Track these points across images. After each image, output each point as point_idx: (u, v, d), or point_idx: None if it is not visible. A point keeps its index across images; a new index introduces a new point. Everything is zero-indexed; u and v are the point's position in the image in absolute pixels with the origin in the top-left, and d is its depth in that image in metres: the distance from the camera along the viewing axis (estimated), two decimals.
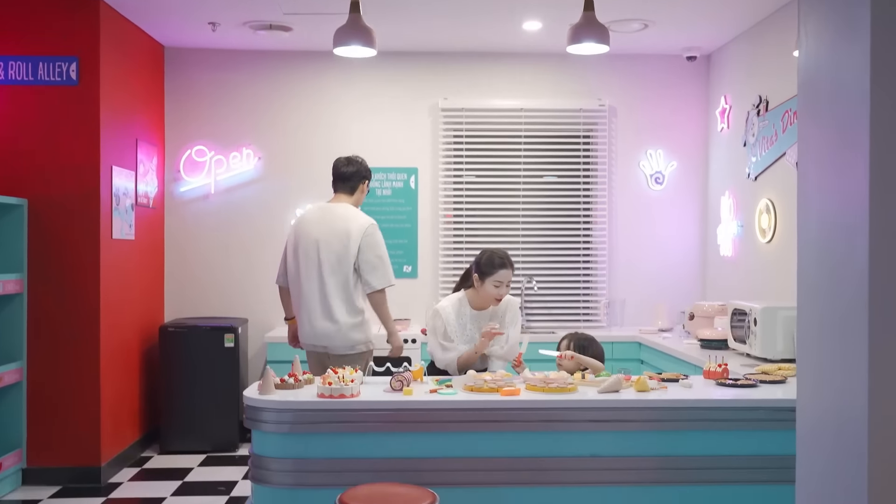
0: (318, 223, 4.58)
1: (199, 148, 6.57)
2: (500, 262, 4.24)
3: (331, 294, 4.49)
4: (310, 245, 4.53)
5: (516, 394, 3.53)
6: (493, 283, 4.23)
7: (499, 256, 4.25)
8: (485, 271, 4.25)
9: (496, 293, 4.25)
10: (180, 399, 5.98)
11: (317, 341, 4.54)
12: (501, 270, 4.23)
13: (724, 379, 3.88)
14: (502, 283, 4.24)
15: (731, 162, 6.28)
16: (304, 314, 4.56)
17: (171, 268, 6.62)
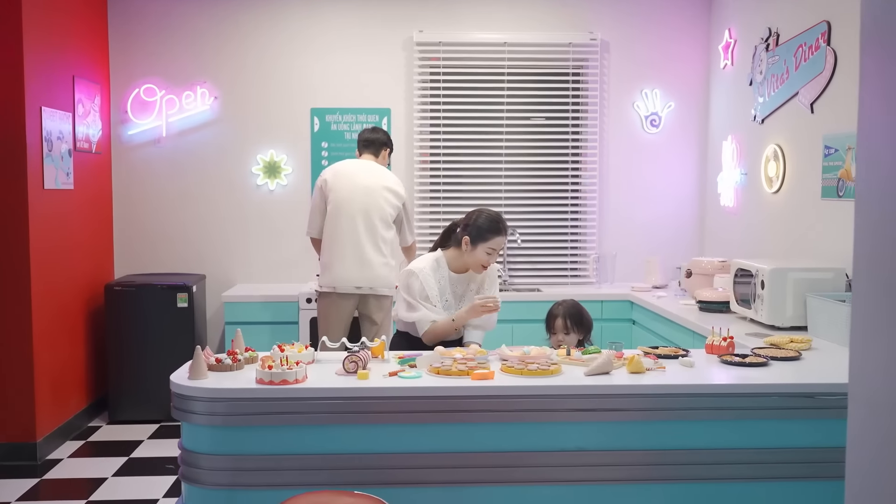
0: (365, 174, 4.83)
1: (149, 86, 5.94)
2: (499, 228, 3.73)
3: (381, 238, 4.77)
4: (357, 191, 4.76)
5: (489, 377, 3.02)
6: (487, 249, 3.72)
7: (499, 221, 3.76)
8: (480, 235, 3.71)
9: (486, 261, 3.75)
10: (130, 365, 5.46)
11: (363, 283, 4.74)
12: (499, 237, 3.73)
13: (730, 356, 3.37)
14: (495, 251, 3.74)
15: (735, 103, 5.71)
16: (351, 256, 4.73)
17: (121, 220, 6.04)
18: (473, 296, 3.85)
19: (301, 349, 3.31)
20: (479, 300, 3.65)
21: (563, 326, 3.84)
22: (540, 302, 5.70)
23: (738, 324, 4.38)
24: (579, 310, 3.88)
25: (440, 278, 3.80)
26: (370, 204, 4.76)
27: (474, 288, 3.90)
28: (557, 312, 3.88)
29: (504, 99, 6.17)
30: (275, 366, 2.96)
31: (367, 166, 4.91)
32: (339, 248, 4.75)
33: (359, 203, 4.75)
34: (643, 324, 5.51)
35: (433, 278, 3.76)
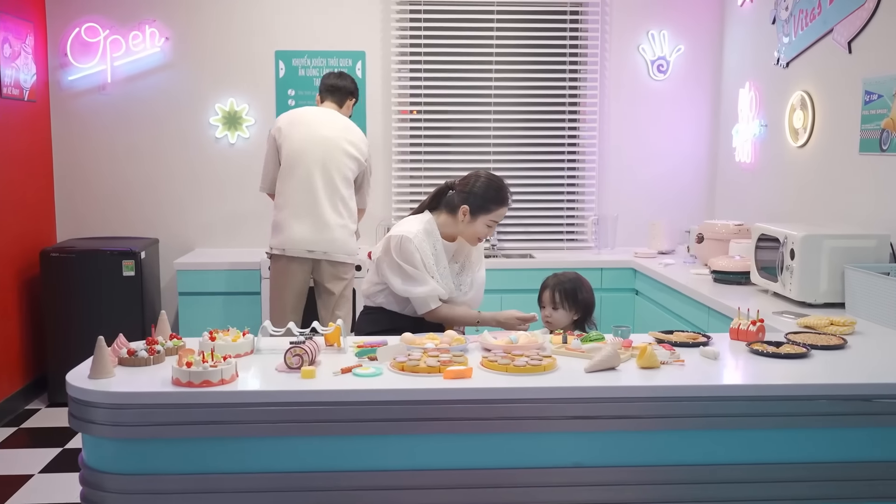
0: (326, 124, 4.34)
1: (91, 25, 5.24)
2: (504, 197, 3.22)
3: (340, 197, 4.28)
4: (316, 142, 4.27)
5: (466, 376, 2.41)
6: (489, 222, 3.20)
7: (503, 189, 3.23)
8: (482, 206, 3.17)
9: (485, 234, 3.25)
10: (70, 341, 4.85)
11: (317, 246, 4.25)
12: (503, 208, 3.22)
13: (761, 344, 2.77)
14: (496, 223, 3.25)
15: (755, 44, 5.04)
16: (305, 215, 4.24)
17: (63, 177, 5.38)
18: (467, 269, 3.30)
19: (237, 337, 2.70)
20: (519, 316, 3.16)
21: (550, 300, 3.26)
22: (533, 270, 5.10)
23: (761, 299, 3.78)
24: (576, 284, 3.28)
25: (434, 245, 3.21)
26: (329, 158, 4.26)
27: (461, 260, 3.32)
28: (547, 284, 3.30)
29: (493, 41, 5.48)
30: (195, 362, 2.34)
31: (329, 115, 4.40)
32: (292, 205, 4.25)
33: (317, 156, 4.24)
34: (647, 294, 4.91)
35: (428, 245, 3.18)
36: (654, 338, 2.86)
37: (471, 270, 3.34)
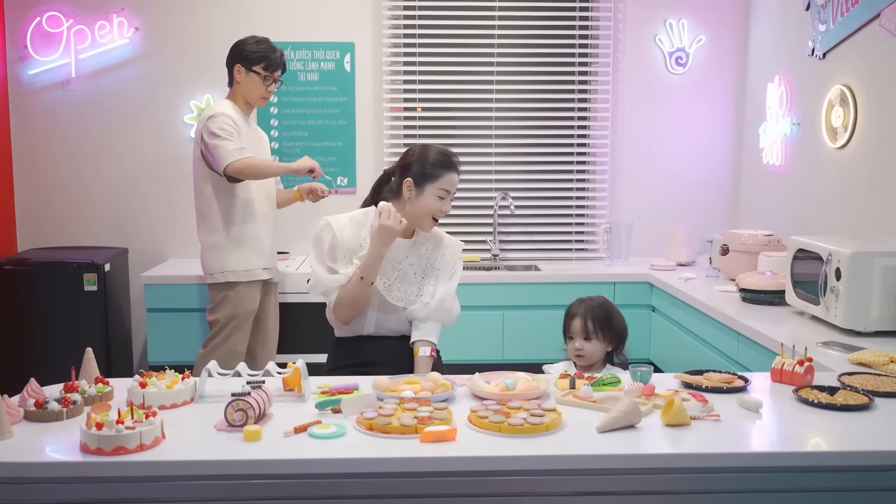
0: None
1: (53, 14, 4.76)
2: (448, 162, 2.76)
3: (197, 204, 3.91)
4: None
5: (449, 438, 1.93)
6: (438, 192, 2.73)
7: (447, 153, 2.78)
8: (427, 173, 2.72)
9: (438, 208, 2.75)
10: (24, 364, 4.36)
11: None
12: (450, 174, 2.75)
13: (812, 391, 2.27)
14: (449, 194, 2.77)
15: (786, 33, 4.53)
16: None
17: (23, 181, 4.91)
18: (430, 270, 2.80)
19: (175, 381, 2.22)
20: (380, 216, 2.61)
21: (581, 330, 2.77)
22: (538, 284, 4.62)
23: (799, 324, 3.30)
24: (607, 309, 2.83)
25: (360, 236, 2.71)
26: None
27: (422, 263, 2.80)
28: (576, 311, 2.82)
29: (495, 31, 4.99)
30: (106, 423, 1.86)
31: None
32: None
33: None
34: (665, 312, 4.42)
35: (350, 232, 2.70)
36: (682, 382, 2.37)
37: (434, 277, 2.80)
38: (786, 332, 3.16)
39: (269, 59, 3.79)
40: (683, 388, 2.34)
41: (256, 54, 3.77)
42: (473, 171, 5.06)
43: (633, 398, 2.14)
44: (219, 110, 3.73)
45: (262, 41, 3.82)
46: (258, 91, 3.81)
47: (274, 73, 3.81)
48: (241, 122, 3.76)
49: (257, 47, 3.78)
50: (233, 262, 3.79)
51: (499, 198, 5.01)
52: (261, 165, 3.69)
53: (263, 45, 3.80)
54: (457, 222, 5.05)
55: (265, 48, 3.79)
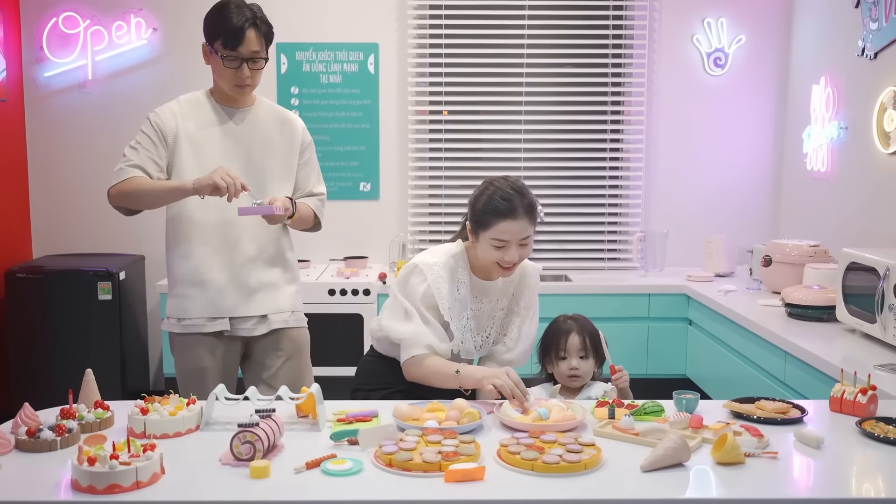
0: None
1: (69, 15, 4.64)
2: (504, 208, 2.34)
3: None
4: None
5: (476, 477, 1.74)
6: (493, 241, 2.35)
7: (503, 196, 2.36)
8: (480, 220, 2.37)
9: (498, 258, 2.36)
10: (37, 375, 4.24)
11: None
12: (506, 222, 2.33)
13: (876, 423, 2.06)
14: (509, 244, 2.35)
15: (832, 32, 4.29)
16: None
17: (38, 185, 4.79)
18: (498, 314, 2.54)
19: (179, 408, 2.05)
20: (499, 381, 2.22)
21: (579, 348, 2.52)
22: (569, 295, 4.43)
23: (851, 343, 3.08)
24: (593, 327, 2.60)
25: (460, 284, 2.43)
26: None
27: (503, 304, 2.55)
28: (570, 328, 2.55)
29: (524, 31, 4.79)
30: (99, 457, 1.69)
31: None
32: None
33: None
34: (703, 326, 4.20)
35: (447, 282, 2.39)
36: (732, 412, 2.16)
37: (518, 318, 2.56)
38: (838, 353, 2.94)
39: (226, 31, 2.54)
40: (734, 418, 2.13)
41: (214, 26, 2.59)
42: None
43: (679, 431, 1.94)
44: (166, 104, 2.70)
45: (226, 6, 2.60)
46: (224, 76, 2.60)
47: (236, 49, 2.55)
48: (198, 118, 2.66)
49: (217, 16, 2.59)
50: (169, 304, 2.73)
51: None
52: (140, 191, 2.57)
53: (225, 10, 2.59)
54: None
55: (225, 16, 2.57)
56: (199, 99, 2.70)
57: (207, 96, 2.70)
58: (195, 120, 2.66)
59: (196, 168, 2.60)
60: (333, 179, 4.78)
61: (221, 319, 2.66)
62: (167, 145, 2.63)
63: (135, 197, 2.60)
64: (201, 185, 2.45)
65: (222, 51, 2.56)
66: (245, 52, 2.57)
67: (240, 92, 2.64)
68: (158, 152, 2.62)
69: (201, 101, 2.70)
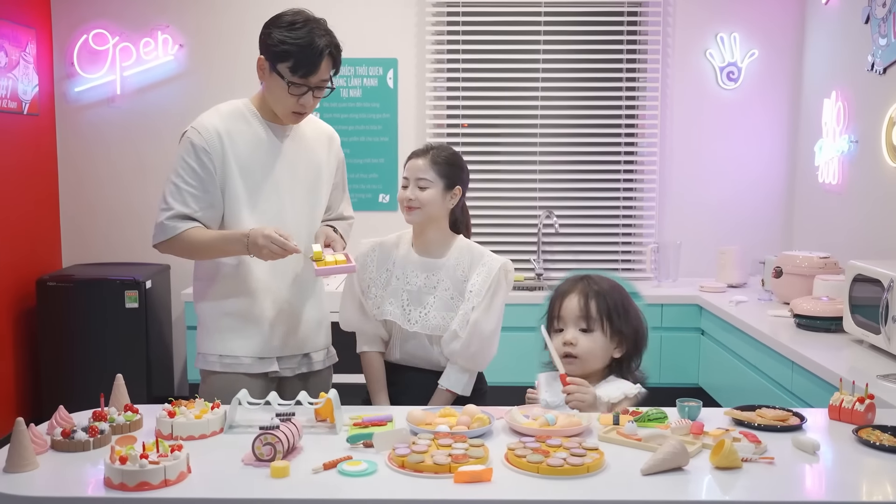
0: None
1: (99, 32, 4.81)
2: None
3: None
4: None
5: (484, 478, 1.83)
6: (286, 80, 2.38)
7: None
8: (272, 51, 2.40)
9: (400, 196, 2.54)
10: (67, 380, 4.40)
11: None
12: (409, 159, 2.56)
13: (872, 431, 2.13)
14: (409, 182, 2.51)
15: (843, 48, 4.36)
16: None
17: (68, 197, 4.95)
18: (434, 294, 2.53)
19: (204, 411, 2.16)
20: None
21: (578, 315, 2.20)
22: None
23: (857, 353, 3.14)
24: (621, 296, 2.24)
25: (397, 257, 2.57)
26: None
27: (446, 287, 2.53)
28: (568, 288, 2.24)
29: (540, 46, 4.89)
30: (130, 456, 1.80)
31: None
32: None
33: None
34: (715, 336, 4.26)
35: (378, 254, 2.60)
36: (733, 419, 2.24)
37: (464, 303, 2.49)
38: (843, 363, 3.00)
39: (299, 57, 2.33)
40: (735, 425, 2.21)
41: (282, 46, 2.35)
42: (517, 189, 4.97)
43: (680, 437, 2.02)
44: (203, 120, 2.41)
45: (298, 23, 2.38)
46: (282, 101, 2.39)
47: (307, 78, 2.36)
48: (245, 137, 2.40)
49: (287, 34, 2.35)
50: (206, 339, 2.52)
51: (543, 216, 4.91)
52: (191, 249, 2.43)
53: (299, 29, 2.36)
54: (500, 241, 4.96)
55: (298, 37, 2.35)
56: (242, 112, 2.43)
57: (252, 111, 2.44)
58: (242, 139, 2.39)
59: (246, 197, 2.40)
60: (353, 191, 4.80)
61: (269, 360, 2.50)
62: (216, 173, 2.36)
63: (186, 254, 2.44)
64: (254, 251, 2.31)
65: (289, 76, 2.34)
66: (314, 80, 2.37)
67: (295, 119, 2.43)
68: (205, 188, 2.36)
69: (245, 115, 2.43)
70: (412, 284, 2.54)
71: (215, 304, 2.48)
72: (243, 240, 2.31)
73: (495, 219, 4.96)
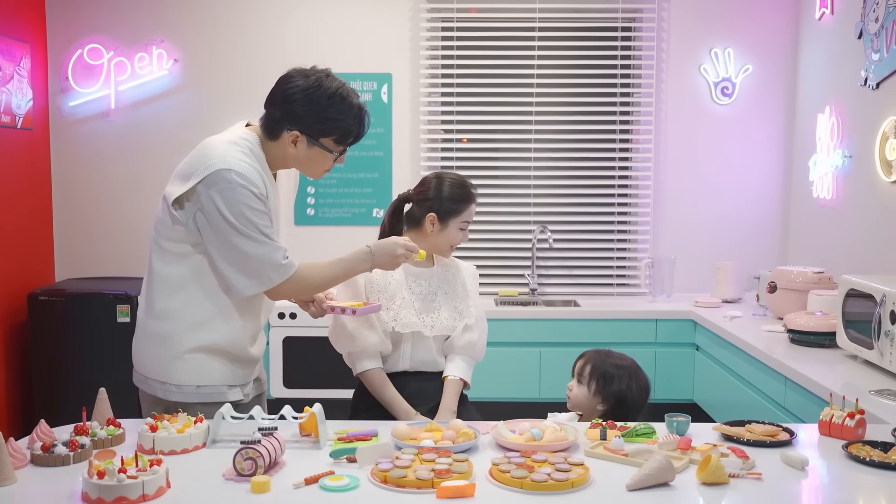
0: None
1: (94, 47, 4.81)
2: (470, 194, 2.74)
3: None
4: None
5: (467, 494, 1.81)
6: (461, 224, 2.73)
7: (466, 185, 2.75)
8: (449, 209, 2.69)
9: (460, 239, 2.77)
10: (60, 394, 4.37)
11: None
12: (472, 205, 2.75)
13: (863, 447, 2.10)
14: (468, 224, 2.78)
15: (837, 63, 4.36)
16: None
17: (62, 211, 4.94)
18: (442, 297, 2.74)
19: (187, 425, 2.14)
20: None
21: (578, 370, 2.66)
22: (577, 320, 4.49)
23: (850, 368, 3.11)
24: (619, 371, 2.58)
25: (394, 271, 2.68)
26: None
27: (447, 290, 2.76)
28: (588, 353, 2.69)
29: (534, 62, 4.90)
30: (108, 471, 1.78)
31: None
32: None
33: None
34: (709, 352, 4.24)
35: (382, 273, 2.68)
36: (722, 434, 2.22)
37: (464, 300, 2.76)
38: (837, 379, 2.98)
39: (347, 129, 2.31)
40: (723, 440, 2.19)
41: (329, 122, 2.27)
42: (511, 204, 4.96)
43: (666, 452, 2.00)
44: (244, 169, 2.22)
45: (335, 92, 2.27)
46: (320, 167, 2.37)
47: (350, 141, 2.36)
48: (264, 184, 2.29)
49: (329, 106, 2.25)
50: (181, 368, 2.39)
51: (537, 231, 4.89)
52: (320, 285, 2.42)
53: (338, 100, 2.26)
54: (494, 255, 4.95)
55: (342, 110, 2.27)
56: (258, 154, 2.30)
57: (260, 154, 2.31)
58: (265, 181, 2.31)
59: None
60: (347, 206, 4.92)
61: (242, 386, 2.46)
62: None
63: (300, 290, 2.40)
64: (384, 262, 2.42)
65: (333, 147, 2.32)
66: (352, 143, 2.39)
67: (315, 177, 2.46)
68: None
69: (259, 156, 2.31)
70: (416, 293, 2.70)
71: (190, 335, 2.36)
72: (368, 257, 2.41)
73: (489, 233, 4.95)
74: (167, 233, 2.36)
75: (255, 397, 2.56)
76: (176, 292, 2.36)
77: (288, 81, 2.30)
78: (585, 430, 2.23)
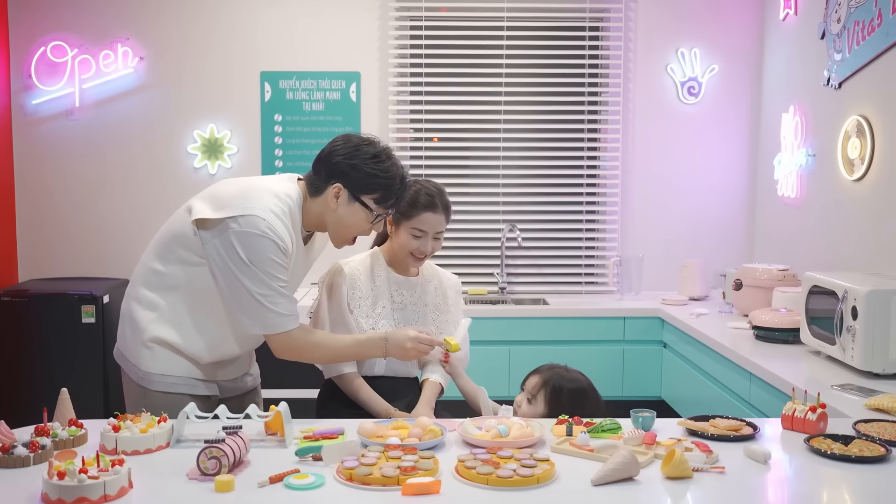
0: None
1: (57, 44, 4.75)
2: (426, 202, 2.61)
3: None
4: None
5: (432, 490, 1.81)
6: (412, 230, 2.61)
7: (428, 192, 2.62)
8: (405, 211, 2.60)
9: (413, 247, 2.62)
10: (23, 397, 4.30)
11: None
12: (426, 213, 2.60)
13: (825, 440, 2.13)
14: (426, 235, 2.62)
15: (800, 63, 4.42)
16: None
17: (25, 211, 4.87)
18: (423, 310, 2.72)
19: (150, 425, 2.11)
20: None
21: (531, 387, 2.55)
22: (546, 318, 4.50)
23: (814, 364, 3.15)
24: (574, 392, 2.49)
25: (375, 275, 2.67)
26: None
27: (427, 300, 2.74)
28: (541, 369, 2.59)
29: (502, 61, 4.91)
30: (69, 472, 1.76)
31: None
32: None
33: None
34: (676, 349, 4.28)
35: (364, 274, 2.66)
36: (687, 429, 2.24)
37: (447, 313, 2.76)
38: (800, 374, 3.02)
39: (389, 191, 2.35)
40: (688, 435, 2.20)
41: (373, 178, 2.32)
42: (480, 203, 4.97)
43: (631, 448, 2.01)
44: (275, 225, 2.26)
45: (382, 150, 2.36)
46: (357, 228, 2.40)
47: (392, 203, 2.40)
48: (292, 243, 2.33)
49: (374, 167, 2.31)
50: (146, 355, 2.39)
51: (506, 229, 4.91)
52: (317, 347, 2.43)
53: (385, 157, 2.35)
54: (463, 254, 4.95)
55: (386, 169, 2.33)
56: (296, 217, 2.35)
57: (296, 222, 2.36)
58: (293, 243, 2.35)
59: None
60: None
61: (212, 383, 2.47)
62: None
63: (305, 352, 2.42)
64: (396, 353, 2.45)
65: (374, 206, 2.35)
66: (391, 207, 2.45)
67: (342, 243, 2.47)
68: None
69: (296, 220, 2.35)
70: (397, 303, 2.68)
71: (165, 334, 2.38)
72: (382, 344, 2.44)
73: (458, 232, 4.95)
74: (182, 238, 2.35)
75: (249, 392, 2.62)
76: (164, 289, 2.39)
77: (336, 141, 2.39)
78: (552, 427, 2.24)
